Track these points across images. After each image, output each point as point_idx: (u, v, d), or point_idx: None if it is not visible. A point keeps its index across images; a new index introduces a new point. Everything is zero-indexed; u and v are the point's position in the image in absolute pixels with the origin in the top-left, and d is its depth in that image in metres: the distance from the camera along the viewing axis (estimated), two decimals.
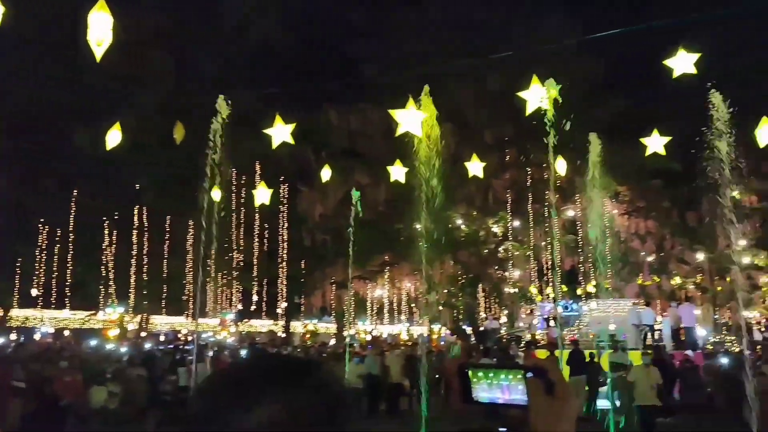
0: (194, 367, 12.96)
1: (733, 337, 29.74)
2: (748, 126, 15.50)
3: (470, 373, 1.44)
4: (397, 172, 18.85)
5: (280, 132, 14.60)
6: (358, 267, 29.41)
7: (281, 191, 30.91)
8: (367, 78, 29.09)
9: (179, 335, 37.54)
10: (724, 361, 18.39)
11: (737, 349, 26.27)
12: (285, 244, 32.69)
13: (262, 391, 1.06)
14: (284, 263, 33.30)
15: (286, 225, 32.21)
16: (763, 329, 32.56)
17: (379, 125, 27.13)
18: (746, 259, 30.91)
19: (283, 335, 37.66)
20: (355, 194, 17.99)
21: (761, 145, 14.94)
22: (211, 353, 20.27)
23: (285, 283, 34.20)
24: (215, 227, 12.11)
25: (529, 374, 1.32)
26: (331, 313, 35.97)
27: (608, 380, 15.82)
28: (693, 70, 12.15)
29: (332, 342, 33.80)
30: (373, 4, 32.26)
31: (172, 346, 27.99)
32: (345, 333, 36.04)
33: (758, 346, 24.95)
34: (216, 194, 13.14)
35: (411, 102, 13.19)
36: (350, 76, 29.74)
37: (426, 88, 14.12)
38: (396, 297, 34.99)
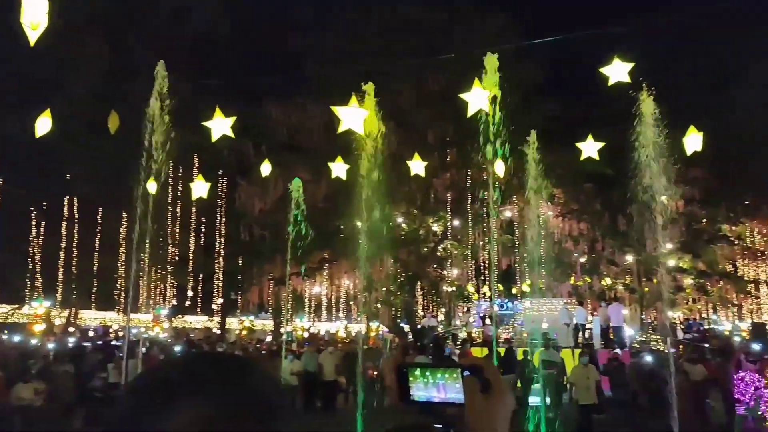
0: (125, 363, 12.60)
1: (658, 336, 31.03)
2: (677, 134, 16.12)
3: (408, 371, 1.44)
4: (338, 168, 18.75)
5: (220, 125, 14.30)
6: (297, 263, 29.24)
7: (219, 185, 30.39)
8: (310, 72, 28.87)
9: (110, 331, 36.40)
10: (648, 359, 19.10)
11: (662, 348, 27.44)
12: (222, 239, 32.15)
13: (191, 391, 1.00)
14: (221, 258, 32.74)
15: (223, 220, 31.68)
16: (684, 328, 34.02)
17: (320, 120, 27.02)
18: (672, 262, 32.27)
19: (219, 332, 37.02)
20: (296, 182, 17.85)
21: (688, 152, 15.56)
22: (143, 349, 19.76)
23: (221, 278, 33.64)
24: (149, 220, 11.79)
25: (466, 373, 1.33)
26: (269, 309, 35.60)
27: (539, 378, 16.21)
28: (627, 79, 12.53)
29: (269, 339, 33.47)
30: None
31: (101, 342, 27.15)
32: (282, 330, 35.77)
33: (680, 345, 26.12)
34: (151, 186, 12.77)
35: (354, 99, 13.15)
36: (292, 70, 29.45)
37: (369, 85, 14.14)
38: (334, 294, 34.91)
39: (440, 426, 2.10)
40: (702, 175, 29.99)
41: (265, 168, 20.25)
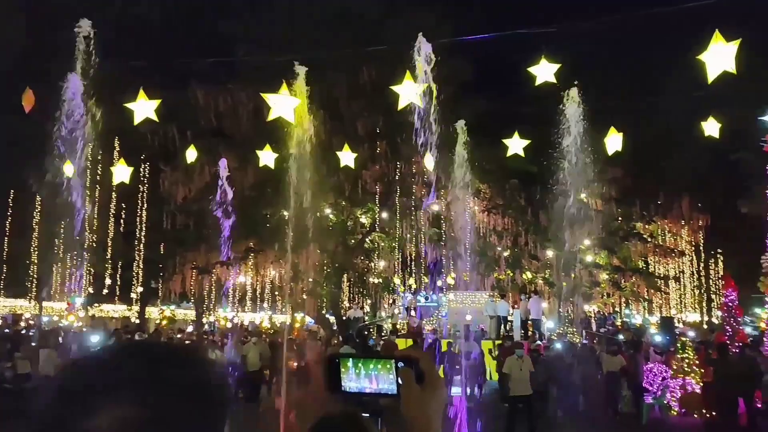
0: (37, 353, 12.04)
1: (574, 329, 32.24)
2: (599, 134, 16.77)
3: (340, 362, 1.42)
4: (266, 156, 18.50)
5: (144, 107, 13.84)
6: (226, 251, 28.68)
7: (142, 170, 29.41)
8: (240, 58, 28.26)
9: (21, 319, 34.67)
10: (558, 349, 19.80)
11: (577, 340, 28.54)
12: (143, 226, 31.13)
13: (118, 387, 0.93)
14: (142, 246, 31.72)
15: (145, 206, 30.67)
16: (597, 321, 35.48)
17: (249, 107, 26.54)
18: (589, 258, 33.56)
19: (137, 321, 35.89)
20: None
21: (609, 153, 16.21)
22: (60, 339, 18.95)
23: (141, 266, 32.60)
24: (65, 204, 11.29)
25: (401, 364, 1.33)
26: (191, 299, 34.79)
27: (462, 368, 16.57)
28: (553, 80, 12.89)
29: (190, 329, 32.72)
30: None
31: (8, 331, 25.84)
32: (204, 320, 35.06)
33: (595, 338, 27.21)
34: (68, 168, 12.23)
35: (284, 87, 13.01)
36: (222, 55, 28.71)
37: (301, 70, 13.99)
38: (260, 284, 34.46)
39: (367, 415, 2.10)
40: (619, 175, 31.25)
41: (191, 154, 19.75)
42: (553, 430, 14.68)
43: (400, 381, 1.32)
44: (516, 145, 16.97)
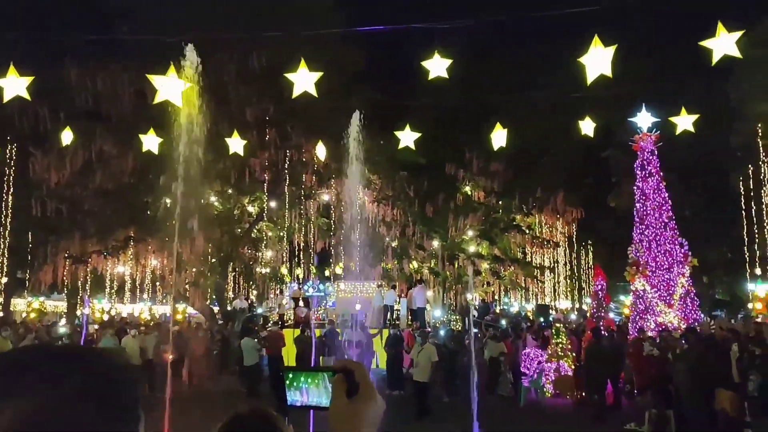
0: None
1: (457, 317, 33.37)
2: (486, 129, 17.36)
3: (284, 375, 1.40)
4: (150, 141, 17.66)
5: (14, 84, 12.78)
6: (99, 240, 27.14)
7: (9, 152, 27.20)
8: (123, 36, 26.74)
9: None
10: (441, 336, 20.38)
11: (459, 327, 29.56)
12: (9, 212, 28.76)
13: (7, 384, 0.89)
14: (7, 233, 29.34)
15: (11, 191, 28.34)
16: (478, 309, 36.88)
17: (131, 88, 25.20)
18: (472, 248, 34.81)
19: (1, 314, 33.23)
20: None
21: (495, 148, 16.82)
22: None
23: (6, 255, 30.17)
24: None
25: (335, 375, 1.30)
26: (63, 290, 32.66)
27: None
28: (445, 75, 13.16)
29: (62, 321, 30.75)
30: None
31: None
32: (78, 312, 33.03)
33: (478, 325, 28.23)
34: None
35: (172, 69, 12.44)
36: (103, 32, 27.01)
37: (191, 52, 13.47)
38: (140, 274, 32.92)
39: (277, 414, 2.07)
40: (501, 169, 32.59)
41: (66, 136, 18.46)
42: (439, 414, 15.16)
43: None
44: (407, 137, 17.21)
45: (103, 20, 28.60)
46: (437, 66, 13.30)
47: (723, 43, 11.33)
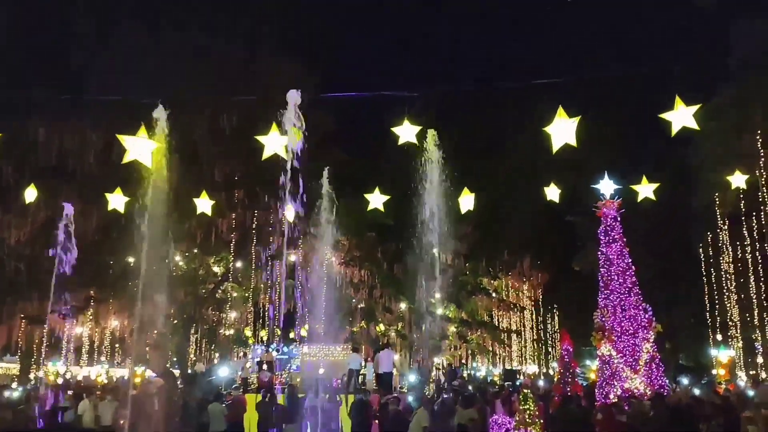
0: None
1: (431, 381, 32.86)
2: (455, 193, 17.62)
3: None
4: (116, 200, 17.47)
5: None
6: (58, 301, 26.33)
7: None
8: (91, 93, 26.70)
9: None
10: (410, 402, 19.94)
11: (426, 392, 29.08)
12: None
13: None
14: None
15: None
16: (446, 374, 36.42)
17: (98, 146, 25.05)
18: (439, 311, 34.70)
19: None
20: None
21: (462, 211, 17.05)
22: None
23: None
24: None
25: None
26: (17, 351, 31.39)
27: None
28: (414, 140, 13.46)
29: (14, 385, 29.42)
30: (107, 13, 29.50)
31: None
32: (31, 375, 31.68)
33: (446, 390, 27.79)
34: None
35: (143, 130, 12.44)
36: (71, 89, 26.94)
37: (160, 112, 13.50)
38: (98, 335, 31.90)
39: None
40: (469, 232, 32.88)
41: (29, 193, 18.13)
42: None
43: None
44: (376, 200, 17.35)
45: (72, 78, 28.52)
46: (407, 132, 13.59)
47: (681, 116, 11.84)
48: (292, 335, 34.91)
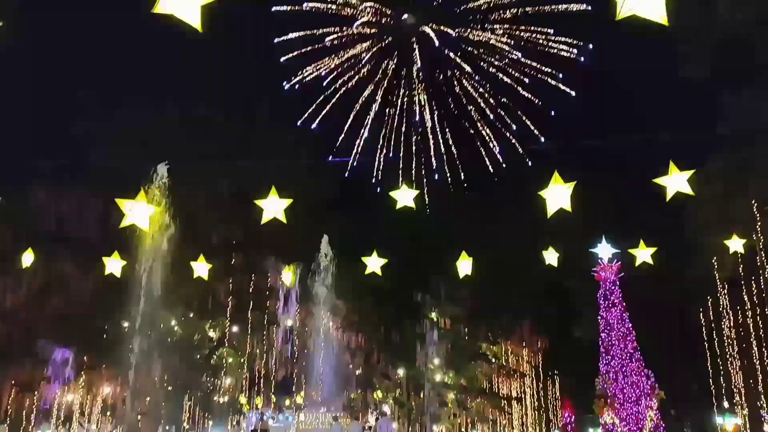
0: None
1: None
2: (453, 256, 17.58)
3: None
4: (113, 264, 17.37)
5: None
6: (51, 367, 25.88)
7: None
8: (92, 160, 27.02)
9: None
10: None
11: None
12: None
13: None
14: None
15: None
16: None
17: (97, 211, 25.11)
18: (438, 377, 34.05)
19: None
20: None
21: (461, 275, 16.98)
22: None
23: None
24: None
25: None
26: (6, 418, 30.59)
27: None
28: (412, 204, 13.56)
29: None
30: (109, 84, 30.20)
31: None
32: None
33: None
34: None
35: (142, 194, 12.51)
36: (72, 156, 27.28)
37: (162, 172, 13.62)
38: (89, 402, 31.16)
39: None
40: (467, 296, 32.63)
41: (27, 258, 18.05)
42: None
43: None
44: (374, 263, 17.29)
45: (72, 144, 28.89)
46: (405, 196, 13.70)
47: (676, 181, 11.96)
48: (288, 402, 34.18)
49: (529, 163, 36.70)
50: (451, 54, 42.01)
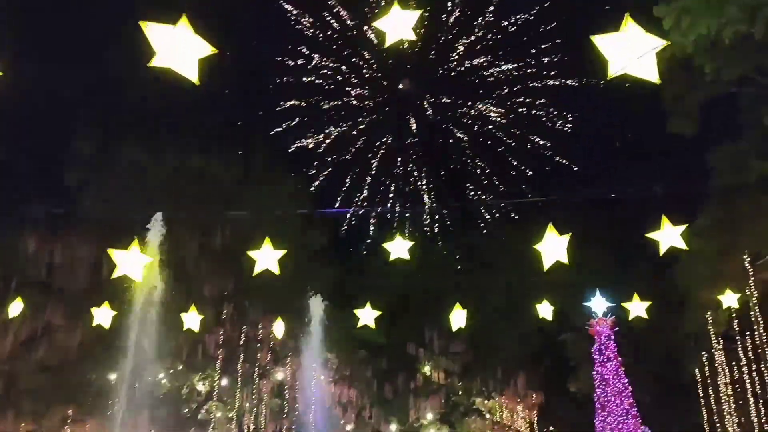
0: None
1: None
2: (444, 310, 17.45)
3: None
4: (102, 315, 17.13)
5: None
6: (34, 420, 25.23)
7: None
8: (84, 209, 26.93)
9: None
10: None
11: None
12: None
13: None
14: None
15: None
16: None
17: (88, 261, 24.89)
18: None
19: None
20: None
21: (454, 328, 16.79)
22: None
23: None
24: None
25: None
26: None
27: None
28: (407, 256, 13.53)
29: None
30: (104, 133, 30.19)
31: None
32: None
33: None
34: None
35: (135, 243, 12.43)
36: (65, 204, 27.17)
37: (156, 224, 13.59)
38: None
39: None
40: (461, 350, 32.30)
41: (15, 307, 17.79)
42: None
43: None
44: (367, 315, 17.11)
45: (65, 192, 28.79)
46: (398, 248, 13.68)
47: (668, 236, 12.00)
48: None
49: (515, 216, 37.09)
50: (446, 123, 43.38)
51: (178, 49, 6.83)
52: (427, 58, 43.52)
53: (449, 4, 44.21)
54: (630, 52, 6.76)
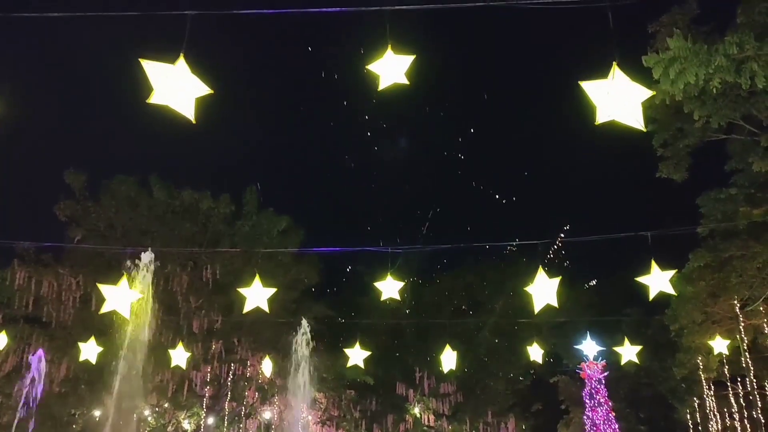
0: None
1: None
2: (434, 350, 17.37)
3: None
4: (89, 350, 16.99)
5: None
6: None
7: None
8: (74, 242, 26.77)
9: None
10: None
11: None
12: None
13: None
14: None
15: None
16: None
17: (76, 294, 24.69)
18: None
19: None
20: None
21: (445, 370, 16.69)
22: None
23: None
24: None
25: None
26: None
27: None
28: (397, 296, 13.50)
29: None
30: (96, 166, 30.33)
31: None
32: None
33: None
34: None
35: (125, 277, 12.38)
36: (54, 237, 27.05)
37: (146, 259, 13.54)
38: None
39: None
40: (451, 391, 31.96)
41: (1, 340, 17.61)
42: None
43: None
44: (357, 355, 17.00)
45: (55, 225, 28.58)
46: (389, 288, 13.63)
47: (658, 280, 12.05)
48: None
49: (496, 260, 37.16)
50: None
51: (176, 87, 6.94)
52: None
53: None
54: (617, 100, 6.91)
